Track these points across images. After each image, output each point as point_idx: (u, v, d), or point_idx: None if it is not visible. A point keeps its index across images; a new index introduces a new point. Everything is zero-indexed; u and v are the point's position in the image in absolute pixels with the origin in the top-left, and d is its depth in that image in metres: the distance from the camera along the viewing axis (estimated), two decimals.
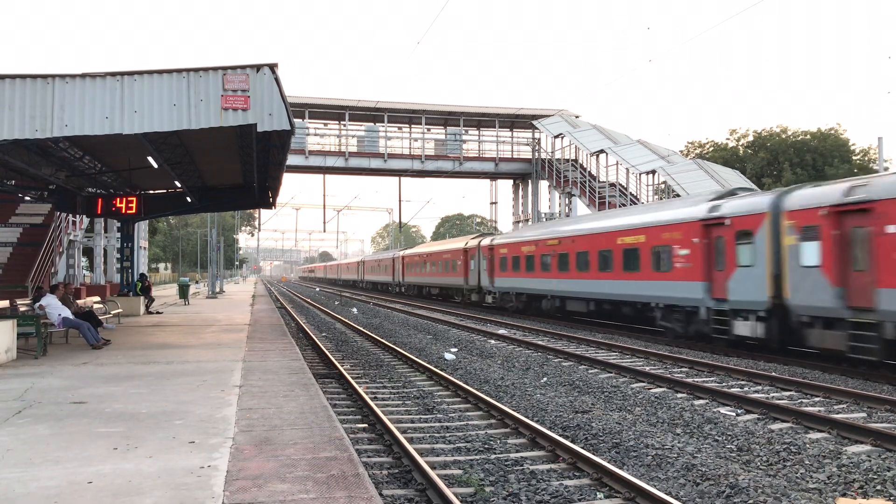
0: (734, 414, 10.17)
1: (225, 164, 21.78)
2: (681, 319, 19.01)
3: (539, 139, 51.31)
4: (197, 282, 68.91)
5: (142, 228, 41.32)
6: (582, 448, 8.05)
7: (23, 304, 15.23)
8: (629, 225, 21.77)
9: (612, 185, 41.80)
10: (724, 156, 56.70)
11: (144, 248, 46.08)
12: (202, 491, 5.14)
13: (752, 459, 7.87)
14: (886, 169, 47.59)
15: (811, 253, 14.59)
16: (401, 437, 8.23)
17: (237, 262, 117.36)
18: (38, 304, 14.70)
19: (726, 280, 16.95)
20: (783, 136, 57.38)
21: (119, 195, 24.36)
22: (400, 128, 51.70)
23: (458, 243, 40.18)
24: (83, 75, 12.03)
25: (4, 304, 14.88)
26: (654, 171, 37.87)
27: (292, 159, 40.54)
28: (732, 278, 16.76)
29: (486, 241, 34.93)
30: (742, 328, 16.43)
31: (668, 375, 13.16)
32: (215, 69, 12.18)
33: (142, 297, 25.65)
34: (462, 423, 9.80)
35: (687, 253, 18.42)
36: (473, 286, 36.44)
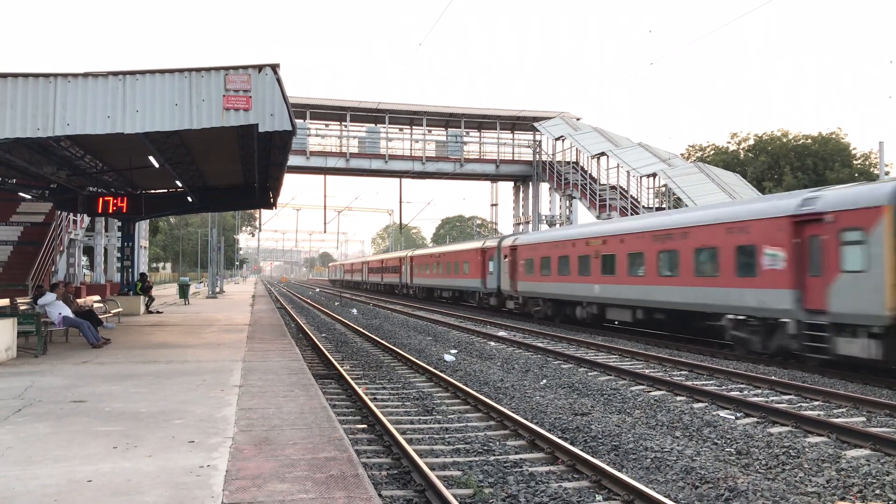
0: (733, 417, 10.17)
1: (226, 165, 21.79)
2: None
3: (540, 141, 51.34)
4: (200, 281, 68.74)
5: (142, 228, 41.34)
6: (581, 450, 8.05)
7: (23, 303, 15.23)
8: None
9: (613, 187, 41.81)
10: (724, 159, 56.73)
11: (145, 247, 46.10)
12: (201, 490, 5.14)
13: (752, 463, 7.87)
14: (887, 174, 47.58)
15: None
16: (400, 438, 8.23)
17: (237, 263, 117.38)
18: (40, 305, 14.67)
19: None
20: (784, 140, 57.39)
21: (120, 194, 24.39)
22: (401, 129, 51.72)
23: (760, 205, 17.03)
24: (85, 74, 12.04)
25: (5, 302, 14.88)
26: (654, 175, 37.90)
27: (293, 160, 40.55)
28: None
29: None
30: None
31: (668, 378, 13.16)
32: (217, 69, 12.20)
33: (142, 297, 25.66)
34: (461, 424, 9.80)
35: None
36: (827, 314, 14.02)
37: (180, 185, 23.14)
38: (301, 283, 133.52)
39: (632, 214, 35.99)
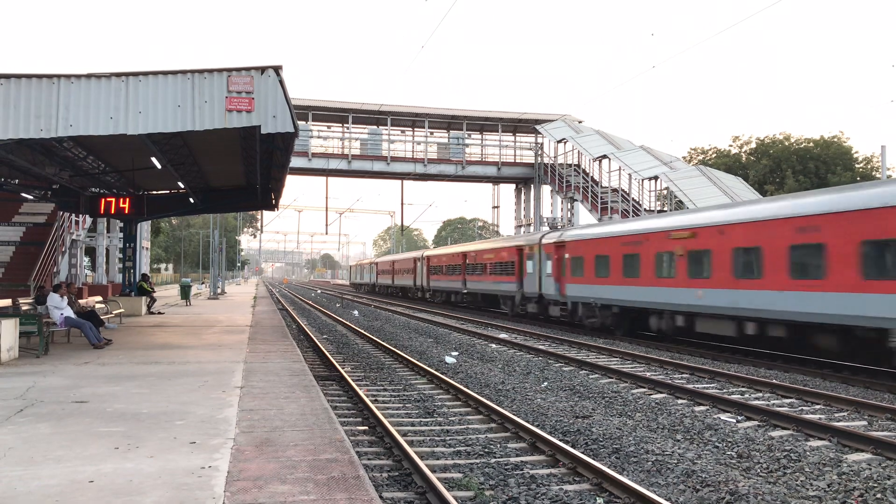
0: (735, 420, 10.16)
1: (228, 166, 21.83)
2: None
3: (542, 144, 51.33)
4: (202, 283, 68.66)
5: (144, 229, 41.40)
6: (582, 453, 8.05)
7: (25, 303, 15.25)
8: None
9: (615, 190, 41.81)
10: (726, 162, 56.73)
11: (146, 248, 46.16)
12: (203, 491, 5.15)
13: (753, 466, 7.87)
14: (889, 177, 47.58)
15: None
16: (401, 439, 8.23)
17: (239, 264, 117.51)
18: (52, 307, 14.65)
19: None
20: (786, 144, 57.41)
21: (122, 195, 24.44)
22: (403, 131, 51.76)
23: None
24: (88, 75, 12.08)
25: (7, 302, 14.91)
26: (656, 177, 37.88)
27: (295, 161, 40.61)
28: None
29: None
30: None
31: (669, 381, 13.15)
32: (220, 71, 12.23)
33: (143, 298, 25.68)
34: (462, 426, 9.80)
35: None
36: None
37: (182, 186, 23.18)
38: (302, 284, 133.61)
39: (633, 217, 35.69)
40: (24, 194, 24.13)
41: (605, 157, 41.70)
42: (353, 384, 12.16)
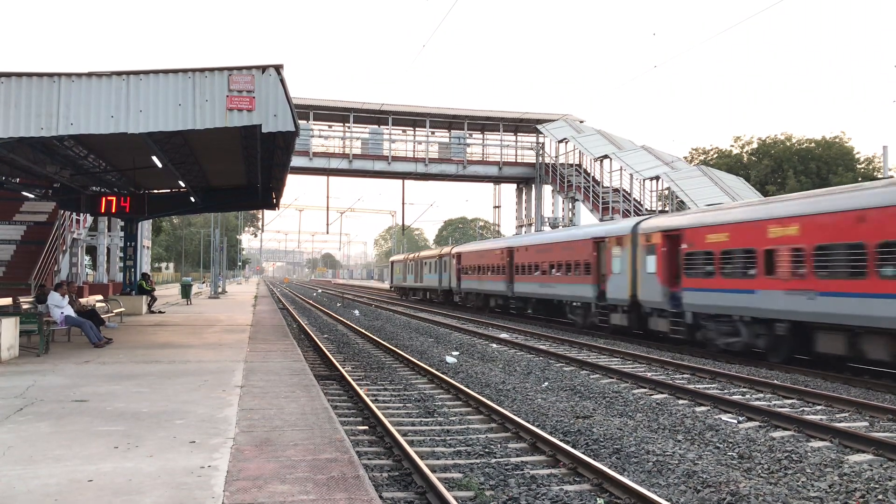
0: (736, 421, 10.14)
1: (229, 165, 21.82)
2: None
3: (543, 144, 51.32)
4: (203, 282, 68.59)
5: (145, 228, 41.44)
6: (582, 453, 8.03)
7: (26, 302, 15.25)
8: None
9: (616, 190, 41.80)
10: (728, 163, 56.72)
11: (147, 247, 46.20)
12: (202, 491, 5.14)
13: (754, 467, 7.85)
14: (891, 177, 47.46)
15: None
16: (401, 439, 8.22)
17: (240, 263, 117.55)
18: (53, 306, 14.65)
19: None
20: (787, 144, 57.40)
21: (123, 194, 24.44)
22: (404, 131, 51.75)
23: None
24: (89, 74, 12.07)
25: (7, 301, 14.91)
26: (657, 178, 37.86)
27: (296, 161, 40.54)
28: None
29: None
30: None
31: (670, 382, 13.13)
32: (221, 70, 12.21)
33: (144, 297, 25.67)
34: (463, 426, 9.79)
35: None
36: None
37: (183, 185, 23.17)
38: (303, 284, 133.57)
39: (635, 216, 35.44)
40: (25, 193, 24.15)
41: (606, 157, 41.70)
42: (353, 384, 12.15)
